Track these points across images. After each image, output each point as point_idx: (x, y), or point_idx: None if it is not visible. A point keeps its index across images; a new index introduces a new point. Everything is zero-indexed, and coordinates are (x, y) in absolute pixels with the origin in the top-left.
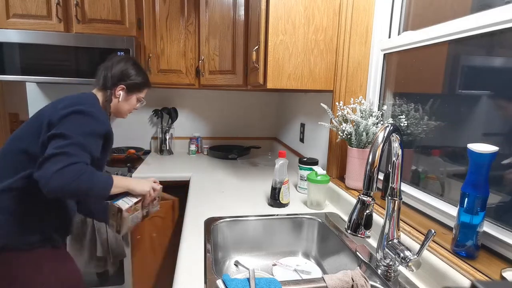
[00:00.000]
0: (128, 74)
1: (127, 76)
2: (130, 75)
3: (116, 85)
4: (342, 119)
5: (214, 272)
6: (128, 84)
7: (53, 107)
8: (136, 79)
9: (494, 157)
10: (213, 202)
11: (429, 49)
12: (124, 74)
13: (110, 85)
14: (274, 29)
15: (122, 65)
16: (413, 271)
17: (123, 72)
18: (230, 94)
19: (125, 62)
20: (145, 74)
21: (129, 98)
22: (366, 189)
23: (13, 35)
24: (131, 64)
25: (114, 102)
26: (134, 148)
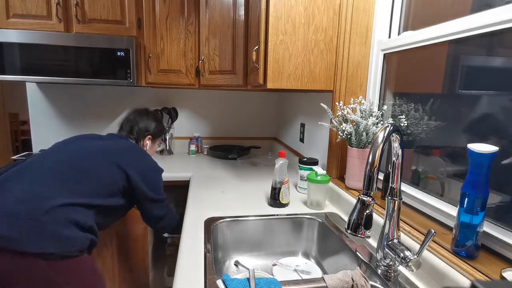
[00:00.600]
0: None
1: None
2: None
3: (144, 136)
4: (342, 119)
5: (214, 272)
6: (153, 133)
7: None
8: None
9: (494, 157)
10: (213, 202)
11: (429, 49)
12: (148, 126)
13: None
14: (274, 29)
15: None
16: (413, 271)
17: (147, 126)
18: (230, 94)
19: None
20: (162, 122)
21: (153, 145)
22: (366, 189)
23: (13, 35)
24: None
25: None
26: None
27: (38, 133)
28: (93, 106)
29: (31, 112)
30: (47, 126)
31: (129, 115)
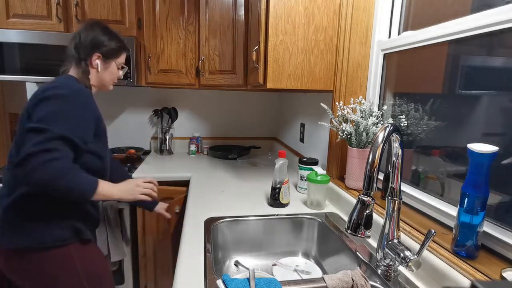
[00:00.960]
0: (99, 41)
1: (100, 43)
2: (103, 42)
3: (90, 54)
4: (342, 119)
5: (214, 272)
6: (103, 51)
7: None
8: (110, 45)
9: (494, 157)
10: (213, 202)
11: (429, 49)
12: (95, 41)
13: (84, 56)
14: (274, 29)
15: (90, 33)
16: (413, 271)
17: (93, 40)
18: (230, 94)
19: (92, 29)
20: (118, 37)
21: (108, 66)
22: (366, 189)
23: (13, 35)
24: (100, 30)
25: (93, 73)
26: (134, 148)
27: None
28: None
29: None
30: None
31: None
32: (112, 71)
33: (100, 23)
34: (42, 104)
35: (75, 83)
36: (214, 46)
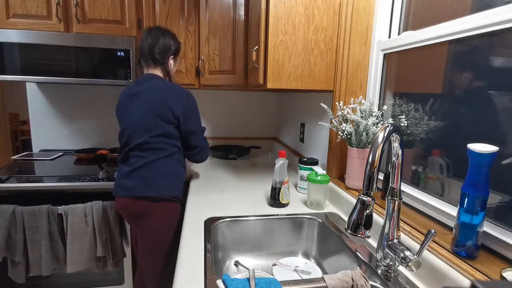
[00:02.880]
0: (170, 44)
1: (170, 46)
2: (171, 44)
3: (166, 58)
4: (342, 119)
5: (214, 272)
6: (173, 53)
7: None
8: (175, 45)
9: (494, 157)
10: (213, 202)
11: (429, 49)
12: (167, 46)
13: (163, 60)
14: (274, 29)
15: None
16: (413, 271)
17: (166, 46)
18: (230, 94)
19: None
20: (175, 35)
21: (175, 62)
22: (366, 189)
23: (13, 35)
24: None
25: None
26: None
27: (38, 133)
28: (93, 106)
29: (31, 112)
30: (47, 126)
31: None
32: (177, 63)
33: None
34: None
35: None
36: (214, 46)
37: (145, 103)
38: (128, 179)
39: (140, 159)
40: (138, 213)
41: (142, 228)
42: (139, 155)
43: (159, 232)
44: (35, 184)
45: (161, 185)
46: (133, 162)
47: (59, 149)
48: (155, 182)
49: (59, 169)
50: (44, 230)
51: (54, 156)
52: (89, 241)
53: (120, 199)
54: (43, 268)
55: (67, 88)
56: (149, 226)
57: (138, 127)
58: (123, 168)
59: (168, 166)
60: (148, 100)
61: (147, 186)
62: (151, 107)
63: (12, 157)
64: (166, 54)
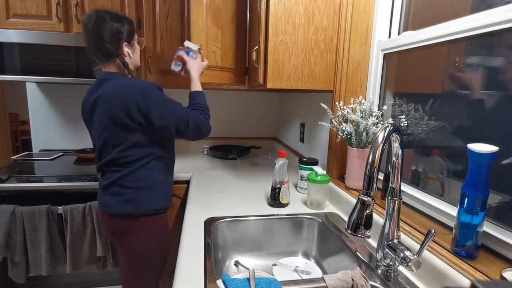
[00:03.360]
0: (118, 30)
1: (119, 32)
2: (120, 30)
3: (119, 47)
4: (342, 119)
5: (214, 272)
6: (126, 38)
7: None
8: (126, 28)
9: (494, 157)
10: (213, 202)
11: (429, 49)
12: (115, 33)
13: (115, 51)
14: (274, 29)
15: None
16: (413, 271)
17: (114, 33)
18: (230, 94)
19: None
20: (125, 17)
21: (134, 48)
22: (366, 189)
23: (13, 35)
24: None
25: (128, 61)
26: None
27: (38, 133)
28: None
29: (31, 112)
30: (47, 126)
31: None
32: (136, 49)
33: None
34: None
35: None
36: (215, 35)
37: (104, 116)
38: (104, 194)
39: (113, 174)
40: (116, 230)
41: (122, 245)
42: (113, 169)
43: (140, 249)
44: (35, 184)
45: (139, 200)
46: (108, 176)
47: (59, 149)
48: (131, 197)
49: (59, 169)
50: (44, 230)
51: (54, 156)
52: (89, 241)
53: (100, 214)
54: (43, 268)
55: (67, 88)
56: (128, 244)
57: (105, 143)
58: (100, 181)
59: (145, 177)
60: (105, 112)
61: (123, 202)
62: (110, 119)
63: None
64: (117, 42)
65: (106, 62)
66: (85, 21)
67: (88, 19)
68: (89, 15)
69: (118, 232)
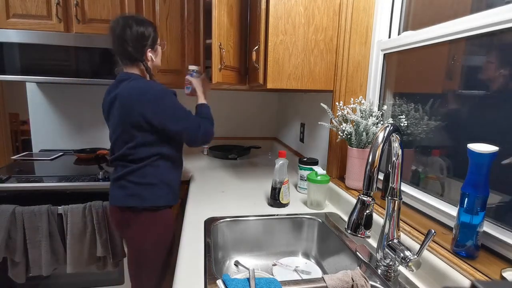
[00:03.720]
0: (143, 36)
1: (143, 39)
2: (144, 36)
3: (143, 53)
4: (342, 119)
5: (214, 272)
6: (150, 43)
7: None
8: (150, 34)
9: (494, 157)
10: (213, 202)
11: (429, 49)
12: (140, 39)
13: (140, 56)
14: (274, 29)
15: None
16: (413, 271)
17: (138, 39)
18: (230, 94)
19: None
20: (149, 21)
21: (156, 52)
22: (366, 189)
23: (13, 35)
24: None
25: (150, 65)
26: None
27: (38, 133)
28: (93, 106)
29: (31, 112)
30: (47, 126)
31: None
32: (159, 53)
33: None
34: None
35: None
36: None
37: (119, 113)
38: (113, 188)
39: (122, 168)
40: (122, 223)
41: (126, 238)
42: (122, 164)
43: (143, 243)
44: (35, 184)
45: (144, 196)
46: (118, 170)
47: (59, 149)
48: (136, 192)
49: (59, 169)
50: (44, 230)
51: (54, 156)
52: (89, 241)
53: (110, 207)
54: (43, 268)
55: (67, 88)
56: (132, 237)
57: (117, 138)
58: (111, 175)
59: (152, 175)
60: (120, 109)
61: (128, 196)
62: (124, 117)
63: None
64: (142, 48)
65: (130, 64)
66: (112, 26)
67: (116, 23)
68: (117, 20)
69: (123, 224)
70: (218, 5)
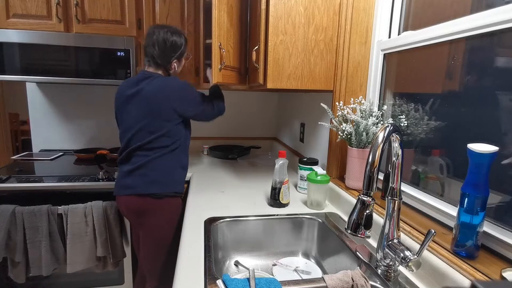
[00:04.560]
0: (175, 46)
1: (176, 49)
2: (177, 47)
3: (169, 62)
4: (342, 119)
5: (214, 272)
6: (177, 55)
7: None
8: (182, 47)
9: (494, 157)
10: (213, 202)
11: (429, 49)
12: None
13: (164, 64)
14: (274, 29)
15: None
16: (413, 271)
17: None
18: (230, 94)
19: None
20: (182, 33)
21: (181, 63)
22: (366, 189)
23: (13, 35)
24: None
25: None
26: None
27: (38, 133)
28: (93, 106)
29: (31, 112)
30: (47, 126)
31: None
32: (182, 64)
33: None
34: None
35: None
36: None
37: (145, 105)
38: (131, 178)
39: (142, 158)
40: (141, 210)
41: (146, 224)
42: (142, 154)
43: (162, 229)
44: (35, 184)
45: (165, 182)
46: (135, 160)
47: (59, 149)
48: (158, 179)
49: (59, 169)
50: (44, 230)
51: (54, 156)
52: (89, 241)
53: (122, 198)
54: (43, 268)
55: (67, 88)
56: (153, 223)
57: (141, 129)
58: (124, 167)
59: (170, 162)
60: (147, 102)
61: (150, 183)
62: (151, 109)
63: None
64: (171, 58)
65: (154, 67)
66: (150, 30)
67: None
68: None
69: (143, 212)
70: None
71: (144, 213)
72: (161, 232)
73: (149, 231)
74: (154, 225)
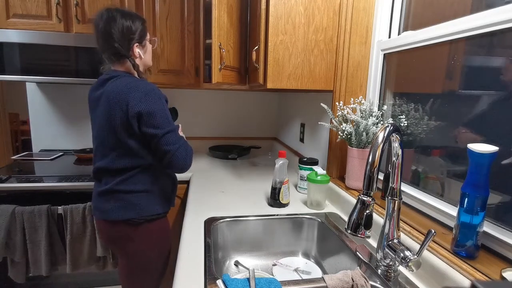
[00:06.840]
0: (129, 30)
1: (130, 32)
2: (131, 29)
3: (130, 48)
4: (342, 119)
5: (214, 272)
6: (137, 38)
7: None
8: (138, 27)
9: (494, 157)
10: (213, 202)
11: (429, 49)
12: (126, 33)
13: (126, 52)
14: (274, 29)
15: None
16: (413, 271)
17: (124, 33)
18: (230, 94)
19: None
20: (136, 14)
21: (145, 49)
22: (366, 189)
23: (13, 35)
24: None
25: (138, 62)
26: None
27: (38, 133)
28: None
29: (31, 112)
30: (47, 126)
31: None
32: (148, 50)
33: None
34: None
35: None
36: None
37: (104, 114)
38: (102, 201)
39: (111, 179)
40: (117, 238)
41: (124, 252)
42: (110, 175)
43: (144, 255)
44: (35, 184)
45: (141, 205)
46: (105, 182)
47: (59, 149)
48: (133, 202)
49: (59, 169)
50: (44, 230)
51: (54, 156)
52: (89, 241)
53: (97, 222)
54: (43, 268)
55: (67, 88)
56: (132, 250)
57: (102, 144)
58: (96, 186)
59: (146, 181)
60: (106, 111)
61: (124, 208)
62: (109, 119)
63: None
64: (128, 44)
65: (116, 62)
66: (96, 20)
67: (99, 17)
68: (100, 13)
69: (120, 239)
70: (218, 5)
71: (119, 241)
72: (142, 259)
73: (127, 259)
74: (132, 253)
